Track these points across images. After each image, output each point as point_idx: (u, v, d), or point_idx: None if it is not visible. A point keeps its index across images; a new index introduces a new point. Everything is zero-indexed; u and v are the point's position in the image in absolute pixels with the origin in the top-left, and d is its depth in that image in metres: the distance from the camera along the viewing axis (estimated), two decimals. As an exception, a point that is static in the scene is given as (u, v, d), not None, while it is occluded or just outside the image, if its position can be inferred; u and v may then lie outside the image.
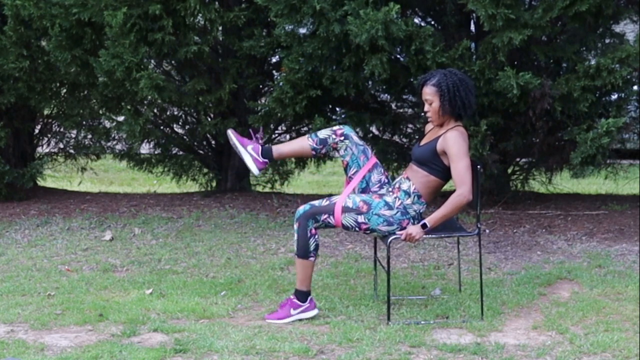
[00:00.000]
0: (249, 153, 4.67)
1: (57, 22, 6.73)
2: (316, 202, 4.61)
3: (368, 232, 4.61)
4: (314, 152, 4.69)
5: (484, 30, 6.24)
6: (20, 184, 7.48)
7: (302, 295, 4.63)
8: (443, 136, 4.55)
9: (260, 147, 4.67)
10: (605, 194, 7.95)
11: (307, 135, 4.73)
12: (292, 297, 4.65)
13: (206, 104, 7.36)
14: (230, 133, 4.71)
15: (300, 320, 4.59)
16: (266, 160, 4.67)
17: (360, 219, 4.55)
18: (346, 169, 4.71)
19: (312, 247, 4.58)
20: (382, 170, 4.71)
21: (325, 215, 4.56)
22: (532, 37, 6.16)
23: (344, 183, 4.77)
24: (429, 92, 4.58)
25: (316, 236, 4.59)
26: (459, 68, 6.08)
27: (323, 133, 4.68)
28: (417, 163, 4.65)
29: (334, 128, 4.69)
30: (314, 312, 4.65)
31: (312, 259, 4.60)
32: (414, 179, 4.62)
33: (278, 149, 4.71)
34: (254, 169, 4.67)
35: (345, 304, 4.83)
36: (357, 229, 4.58)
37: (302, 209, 4.58)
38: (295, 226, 4.59)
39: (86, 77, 7.05)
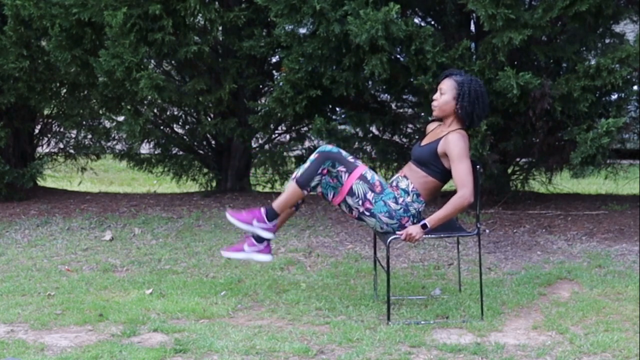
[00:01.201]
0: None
1: (57, 22, 6.73)
2: (344, 152, 4.58)
3: (366, 214, 4.57)
4: (307, 193, 4.63)
5: (484, 30, 6.23)
6: (20, 184, 7.48)
7: (272, 214, 4.58)
8: (444, 138, 4.54)
9: (263, 214, 4.61)
10: (605, 194, 7.95)
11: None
12: (262, 209, 4.60)
13: (206, 104, 7.36)
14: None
15: (301, 316, 4.59)
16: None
17: (369, 195, 4.53)
18: (324, 197, 4.65)
19: (313, 183, 4.55)
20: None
21: (344, 169, 4.53)
22: (532, 37, 6.16)
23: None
24: (448, 85, 4.60)
25: (324, 177, 4.54)
26: (459, 68, 6.08)
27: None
28: (417, 163, 4.65)
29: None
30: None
31: (305, 192, 4.57)
32: (412, 178, 4.62)
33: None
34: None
35: (345, 304, 4.83)
36: (359, 203, 4.54)
37: (329, 147, 4.56)
38: (313, 156, 4.55)
39: (86, 77, 7.05)
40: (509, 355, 4.10)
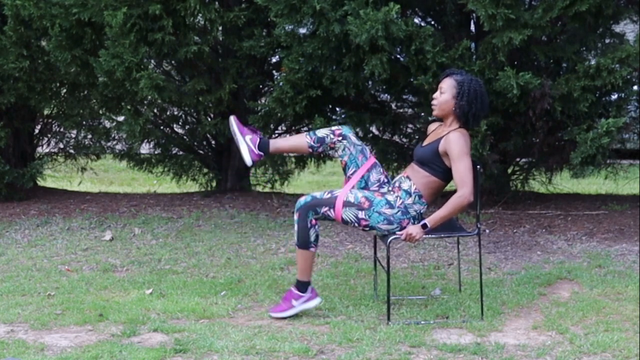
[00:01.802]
0: (245, 142, 4.67)
1: (57, 22, 6.73)
2: (317, 194, 4.61)
3: (367, 229, 4.61)
4: (310, 150, 4.69)
5: (484, 30, 6.24)
6: (20, 184, 7.49)
7: (303, 286, 4.64)
8: (445, 137, 4.55)
9: (258, 139, 4.67)
10: (605, 194, 7.95)
11: (305, 133, 4.73)
12: (292, 288, 4.66)
13: (206, 104, 7.36)
14: (232, 120, 4.73)
15: (300, 316, 4.60)
16: (261, 153, 4.66)
17: (361, 214, 4.55)
18: (345, 168, 4.71)
19: (312, 238, 4.58)
20: (381, 170, 4.71)
21: (326, 208, 4.56)
22: (532, 37, 6.17)
23: (343, 183, 4.77)
24: (448, 83, 4.60)
25: (316, 227, 4.59)
26: (459, 68, 6.08)
27: (322, 132, 4.68)
28: (419, 163, 4.65)
29: (333, 128, 4.70)
30: (317, 300, 4.67)
31: (312, 249, 4.60)
32: (415, 178, 4.62)
33: (275, 143, 4.71)
34: (247, 159, 4.66)
35: (345, 304, 4.83)
36: (356, 224, 4.58)
37: (303, 200, 4.59)
38: (296, 216, 4.59)
39: (86, 77, 7.05)
40: (509, 355, 4.10)
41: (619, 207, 6.92)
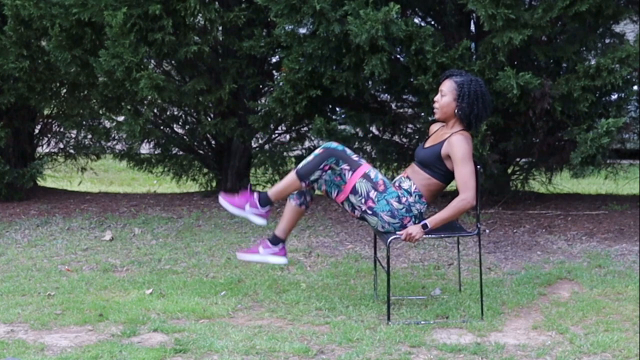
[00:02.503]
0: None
1: (57, 22, 6.73)
2: (348, 150, 4.58)
3: (368, 213, 4.57)
4: (305, 185, 4.63)
5: (484, 30, 6.23)
6: (20, 184, 7.48)
7: (265, 200, 4.60)
8: (448, 140, 4.54)
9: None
10: (605, 194, 7.95)
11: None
12: (255, 194, 4.63)
13: (206, 104, 7.36)
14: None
15: (301, 316, 4.59)
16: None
17: (372, 194, 4.54)
18: (328, 195, 4.67)
19: (313, 177, 4.55)
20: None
21: (347, 167, 4.54)
22: (532, 37, 6.16)
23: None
24: (448, 86, 4.60)
25: (326, 172, 4.54)
26: (459, 68, 6.08)
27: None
28: (420, 165, 4.65)
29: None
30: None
31: (303, 184, 4.57)
32: (415, 179, 4.62)
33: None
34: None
35: (345, 304, 4.83)
36: (361, 201, 4.54)
37: (335, 144, 4.57)
38: (318, 151, 4.55)
39: (86, 77, 7.05)
40: (509, 355, 4.10)
41: (619, 207, 6.92)
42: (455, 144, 4.50)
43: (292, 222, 4.77)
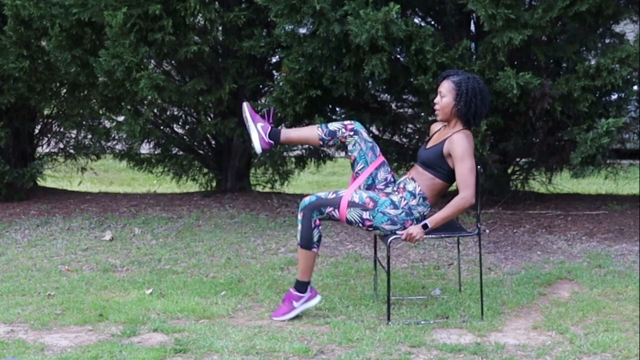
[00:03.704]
0: (257, 129, 4.67)
1: (57, 22, 6.73)
2: (322, 194, 4.60)
3: (371, 229, 4.61)
4: (321, 142, 4.68)
5: (484, 30, 6.23)
6: (20, 184, 7.48)
7: (303, 286, 4.64)
8: (449, 139, 4.55)
9: (269, 128, 4.67)
10: (605, 194, 7.95)
11: (317, 125, 4.71)
12: (291, 289, 4.65)
13: (206, 104, 7.36)
14: (245, 106, 4.71)
15: (300, 316, 4.60)
16: (272, 141, 4.67)
17: (365, 215, 4.55)
18: (353, 164, 4.71)
19: (315, 238, 4.58)
20: (389, 169, 4.72)
21: (331, 209, 4.56)
22: (532, 37, 6.16)
23: (350, 179, 4.77)
24: (446, 87, 4.60)
25: (320, 227, 4.59)
26: (459, 68, 6.08)
27: (334, 125, 4.67)
28: (423, 165, 4.65)
29: (345, 122, 4.69)
30: (317, 299, 4.67)
31: (315, 249, 4.60)
32: (419, 180, 4.62)
33: (286, 133, 4.70)
34: (257, 147, 4.66)
35: (345, 304, 4.83)
36: (360, 224, 4.58)
37: (307, 199, 4.58)
38: (300, 216, 4.58)
39: (86, 77, 7.05)
40: (509, 355, 4.10)
41: (619, 207, 6.92)
42: (456, 142, 4.50)
43: (312, 264, 4.70)
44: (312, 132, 4.70)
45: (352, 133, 4.66)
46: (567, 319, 4.59)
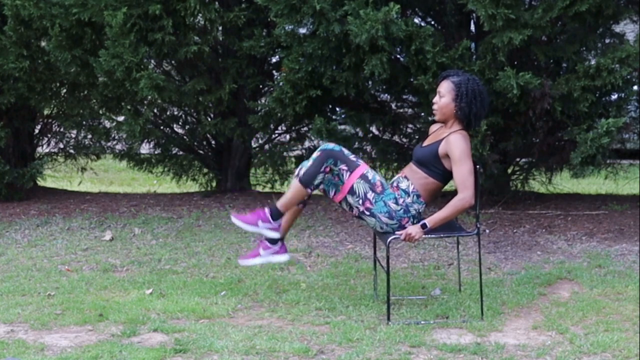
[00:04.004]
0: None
1: (57, 22, 6.73)
2: (346, 150, 4.58)
3: (366, 213, 4.57)
4: (311, 191, 4.65)
5: (484, 30, 6.23)
6: (20, 184, 7.48)
7: (277, 214, 4.61)
8: (446, 139, 4.54)
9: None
10: (605, 194, 7.95)
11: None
12: (266, 209, 4.63)
13: (206, 104, 7.36)
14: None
15: (301, 316, 4.59)
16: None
17: (370, 195, 4.54)
18: (326, 194, 4.66)
19: (316, 181, 4.54)
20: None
21: (345, 167, 4.53)
22: (532, 37, 6.16)
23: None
24: (445, 87, 4.60)
25: (326, 175, 4.54)
26: (459, 68, 6.08)
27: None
28: (418, 164, 4.65)
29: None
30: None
31: (309, 190, 4.56)
32: (413, 179, 4.62)
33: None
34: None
35: (345, 304, 4.83)
36: (359, 202, 4.54)
37: (332, 145, 4.56)
38: (315, 154, 4.55)
39: (86, 77, 7.05)
40: (509, 355, 4.10)
41: (619, 207, 6.91)
42: (454, 143, 4.50)
43: (290, 221, 4.77)
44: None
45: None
46: (567, 319, 4.59)
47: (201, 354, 4.14)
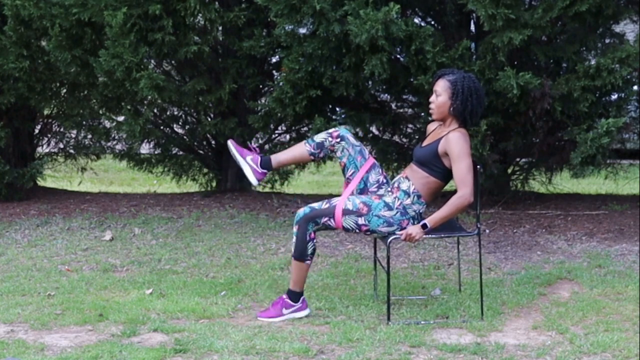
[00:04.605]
0: (248, 164, 4.69)
1: (57, 22, 6.73)
2: (316, 205, 4.60)
3: (368, 233, 4.61)
4: (312, 157, 4.71)
5: (484, 30, 6.24)
6: (20, 184, 7.48)
7: (295, 296, 4.64)
8: (445, 137, 4.55)
9: (259, 158, 4.68)
10: (605, 194, 7.95)
11: (304, 141, 4.72)
12: (284, 296, 4.66)
13: (206, 104, 7.36)
14: (230, 144, 4.75)
15: (293, 319, 4.59)
16: (265, 170, 4.68)
17: (361, 220, 4.55)
18: (344, 170, 4.71)
19: (309, 251, 4.58)
20: (380, 171, 4.71)
21: (326, 218, 4.56)
22: (532, 37, 6.16)
23: (343, 185, 4.77)
24: (441, 86, 4.60)
25: (314, 240, 4.59)
26: (459, 68, 6.08)
27: (320, 137, 4.68)
28: (418, 164, 4.65)
29: (330, 130, 4.69)
30: (306, 312, 4.66)
31: (308, 262, 4.60)
32: (414, 179, 4.62)
33: (277, 158, 4.71)
34: (252, 179, 4.69)
35: (345, 304, 4.83)
36: (357, 230, 4.58)
37: (302, 211, 4.58)
38: (295, 229, 4.58)
39: (86, 77, 7.05)
40: (509, 355, 4.10)
41: (619, 207, 6.92)
42: (453, 141, 4.50)
43: (305, 276, 4.69)
44: (300, 150, 4.70)
45: (338, 140, 4.65)
46: (567, 319, 4.59)
47: (201, 354, 4.14)
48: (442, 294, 5.04)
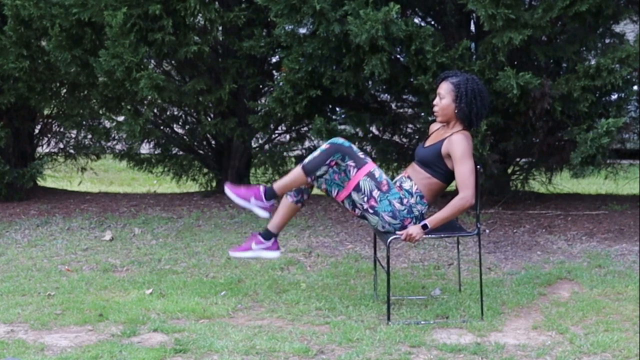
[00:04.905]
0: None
1: (57, 22, 6.73)
2: (355, 147, 4.59)
3: (370, 211, 4.57)
4: (312, 184, 4.67)
5: (484, 30, 6.23)
6: (20, 184, 7.48)
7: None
8: (448, 139, 4.55)
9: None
10: (605, 194, 7.95)
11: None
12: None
13: (206, 104, 7.36)
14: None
15: (301, 316, 4.59)
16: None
17: (375, 193, 4.54)
18: (327, 193, 4.67)
19: (319, 172, 4.54)
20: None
21: (353, 164, 4.53)
22: (532, 37, 6.16)
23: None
24: (445, 88, 4.60)
25: (331, 169, 4.53)
26: (459, 68, 6.08)
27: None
28: (420, 164, 4.65)
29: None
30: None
31: (309, 179, 4.57)
32: (416, 179, 4.62)
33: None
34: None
35: (345, 304, 4.83)
36: (364, 200, 4.54)
37: (342, 140, 4.57)
38: (324, 146, 4.55)
39: (86, 77, 7.05)
40: (509, 355, 4.10)
41: (619, 207, 6.92)
42: (455, 143, 4.50)
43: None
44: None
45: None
46: (567, 319, 4.59)
47: (201, 354, 4.14)
48: (442, 294, 5.04)
